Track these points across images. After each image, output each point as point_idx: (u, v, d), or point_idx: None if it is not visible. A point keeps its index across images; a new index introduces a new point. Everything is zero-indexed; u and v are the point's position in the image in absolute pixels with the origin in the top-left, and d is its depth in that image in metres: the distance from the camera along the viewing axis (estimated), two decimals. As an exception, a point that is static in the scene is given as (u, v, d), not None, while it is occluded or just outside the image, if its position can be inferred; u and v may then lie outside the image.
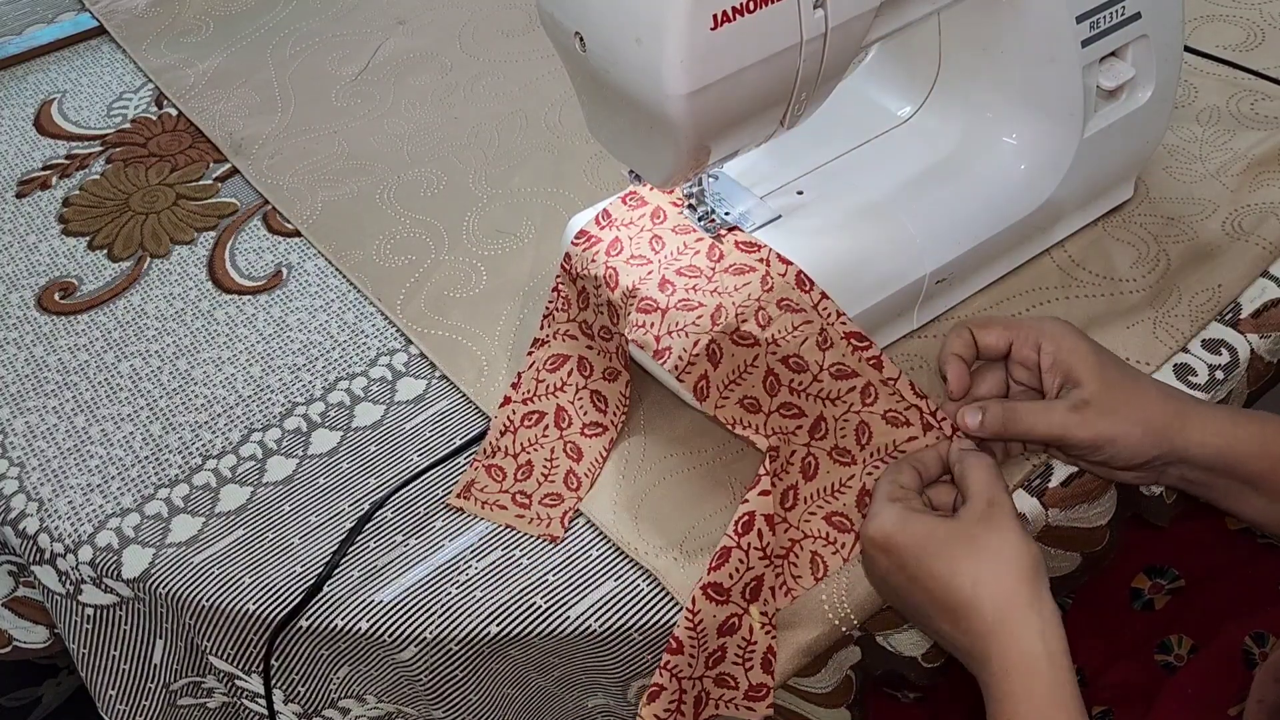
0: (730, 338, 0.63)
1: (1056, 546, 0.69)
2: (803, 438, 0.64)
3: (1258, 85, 0.87)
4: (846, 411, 0.64)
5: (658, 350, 0.63)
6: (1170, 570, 0.84)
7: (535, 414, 0.70)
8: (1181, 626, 0.81)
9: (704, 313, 0.63)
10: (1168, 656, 0.80)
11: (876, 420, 0.63)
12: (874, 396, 0.63)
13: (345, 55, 1.05)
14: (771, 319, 0.63)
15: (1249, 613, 0.79)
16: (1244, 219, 0.78)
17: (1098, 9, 0.67)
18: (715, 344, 0.62)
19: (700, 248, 0.67)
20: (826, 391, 0.63)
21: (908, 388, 0.63)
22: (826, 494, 0.64)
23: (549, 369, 0.71)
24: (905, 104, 0.76)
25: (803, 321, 0.64)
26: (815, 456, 0.64)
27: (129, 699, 0.72)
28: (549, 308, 0.72)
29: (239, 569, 0.66)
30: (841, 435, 0.64)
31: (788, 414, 0.64)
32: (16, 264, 0.87)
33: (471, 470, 0.68)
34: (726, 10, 0.50)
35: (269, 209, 0.89)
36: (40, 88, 1.04)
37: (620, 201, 0.70)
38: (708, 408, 0.63)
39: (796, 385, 0.64)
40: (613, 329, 0.67)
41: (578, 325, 0.71)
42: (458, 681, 0.65)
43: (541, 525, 0.66)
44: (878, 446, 0.64)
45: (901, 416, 0.63)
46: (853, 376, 0.63)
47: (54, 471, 0.72)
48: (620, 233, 0.69)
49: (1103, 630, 0.83)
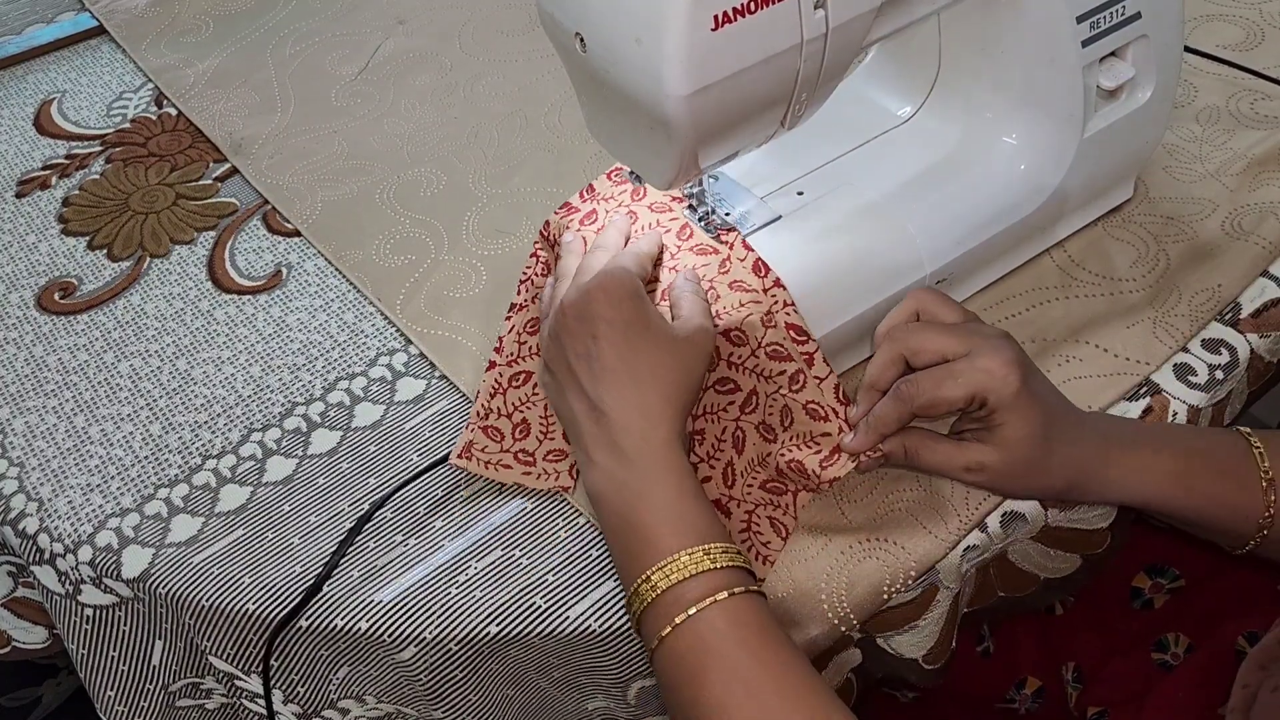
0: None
1: (1056, 547, 0.69)
2: (733, 413, 0.65)
3: (1257, 85, 0.87)
4: (776, 391, 0.64)
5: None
6: (1170, 570, 0.84)
7: (522, 374, 0.70)
8: (1180, 626, 0.81)
9: (655, 288, 0.66)
10: (1164, 655, 0.80)
11: (799, 409, 0.64)
12: (801, 384, 0.64)
13: (345, 55, 1.04)
14: (720, 296, 0.65)
15: (1246, 613, 0.79)
16: (1244, 219, 0.78)
17: (1098, 9, 0.67)
18: None
19: (672, 226, 0.69)
20: (762, 368, 0.64)
21: (832, 390, 0.63)
22: (756, 465, 0.65)
23: (529, 331, 0.71)
24: (905, 104, 0.76)
25: (750, 300, 0.65)
26: (743, 430, 0.64)
27: (128, 700, 0.72)
28: (526, 272, 0.73)
29: (239, 569, 0.66)
30: (769, 413, 0.64)
31: (722, 389, 0.65)
32: (16, 264, 0.87)
33: (468, 432, 0.69)
34: (727, 11, 0.50)
35: (269, 209, 0.89)
36: (40, 88, 1.04)
37: (605, 177, 0.72)
38: None
39: (735, 359, 0.65)
40: None
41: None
42: (457, 682, 0.65)
43: (550, 479, 0.67)
44: (796, 433, 0.64)
45: (822, 411, 0.63)
46: (786, 360, 0.64)
47: (54, 471, 0.72)
48: (599, 206, 0.71)
49: (1101, 628, 0.84)
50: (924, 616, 0.65)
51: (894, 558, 0.63)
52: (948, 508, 0.64)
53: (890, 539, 0.63)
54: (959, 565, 0.64)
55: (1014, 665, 0.85)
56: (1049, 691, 0.84)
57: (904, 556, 0.63)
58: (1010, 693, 0.85)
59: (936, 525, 0.64)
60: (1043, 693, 0.84)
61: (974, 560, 0.65)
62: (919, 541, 0.63)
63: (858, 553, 0.63)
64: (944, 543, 0.63)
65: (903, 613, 0.64)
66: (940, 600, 0.65)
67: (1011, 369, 0.58)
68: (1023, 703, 0.84)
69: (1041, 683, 0.84)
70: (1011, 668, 0.85)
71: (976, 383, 0.58)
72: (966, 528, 0.64)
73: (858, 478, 0.66)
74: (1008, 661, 0.86)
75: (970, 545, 0.64)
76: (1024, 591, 0.72)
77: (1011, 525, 0.65)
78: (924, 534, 0.63)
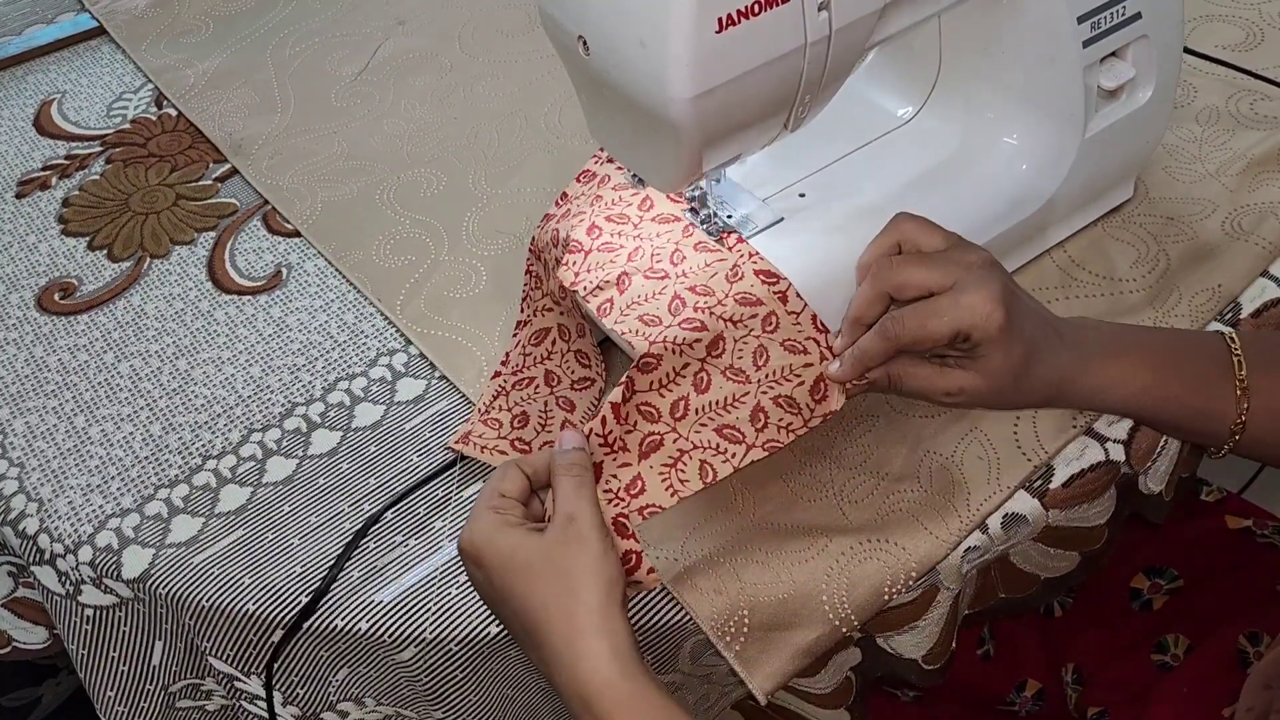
0: (642, 273, 0.66)
1: (1056, 546, 0.69)
2: (699, 352, 0.64)
3: (1257, 85, 0.87)
4: (746, 335, 0.64)
5: (574, 282, 0.65)
6: (1169, 570, 0.84)
7: (526, 379, 0.71)
8: (1179, 626, 0.81)
9: (622, 253, 0.67)
10: (1164, 656, 0.80)
11: (775, 346, 0.64)
12: (775, 325, 0.64)
13: (345, 55, 1.04)
14: (685, 257, 0.66)
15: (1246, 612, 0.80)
16: (1243, 219, 0.78)
17: (1098, 9, 0.67)
18: (625, 275, 0.66)
19: (633, 201, 0.70)
20: (730, 314, 0.64)
21: (810, 320, 0.64)
22: (718, 408, 0.64)
23: (533, 344, 0.72)
24: (906, 105, 0.76)
25: (716, 259, 0.65)
26: (708, 372, 0.64)
27: (128, 700, 0.72)
28: (524, 290, 0.74)
29: (239, 569, 0.66)
30: (739, 356, 0.64)
31: (688, 327, 0.64)
32: (16, 264, 0.87)
33: (468, 424, 0.70)
34: (731, 13, 0.50)
35: (269, 209, 0.89)
36: (40, 88, 1.04)
37: (575, 180, 0.73)
38: (609, 323, 0.65)
39: (701, 305, 0.65)
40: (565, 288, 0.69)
41: (550, 297, 0.72)
42: (457, 682, 0.65)
43: None
44: (774, 369, 0.64)
45: (800, 345, 0.63)
46: (757, 304, 0.64)
47: (54, 472, 0.72)
48: (572, 205, 0.72)
49: (1101, 630, 0.84)
50: (924, 617, 0.65)
51: (895, 558, 0.63)
52: (949, 508, 0.64)
53: (891, 540, 0.63)
54: (959, 566, 0.64)
55: (1014, 667, 0.85)
56: (1049, 693, 0.84)
57: (905, 557, 0.63)
58: (1010, 695, 0.85)
59: (937, 526, 0.64)
60: (1043, 695, 0.84)
61: (975, 561, 0.65)
62: (920, 542, 0.63)
63: (858, 553, 0.63)
64: (945, 543, 0.63)
65: (903, 613, 0.64)
66: (940, 601, 0.65)
67: (996, 305, 0.58)
68: (1023, 705, 0.85)
69: (1041, 685, 0.84)
70: (1012, 669, 0.85)
71: (961, 319, 0.58)
72: (967, 528, 0.64)
73: (858, 478, 0.66)
74: (1008, 663, 0.86)
75: (971, 546, 0.64)
76: (1025, 592, 0.72)
77: (1012, 527, 0.65)
78: (925, 535, 0.63)
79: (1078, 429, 0.68)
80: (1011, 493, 0.65)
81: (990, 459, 0.67)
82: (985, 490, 0.65)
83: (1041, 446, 0.67)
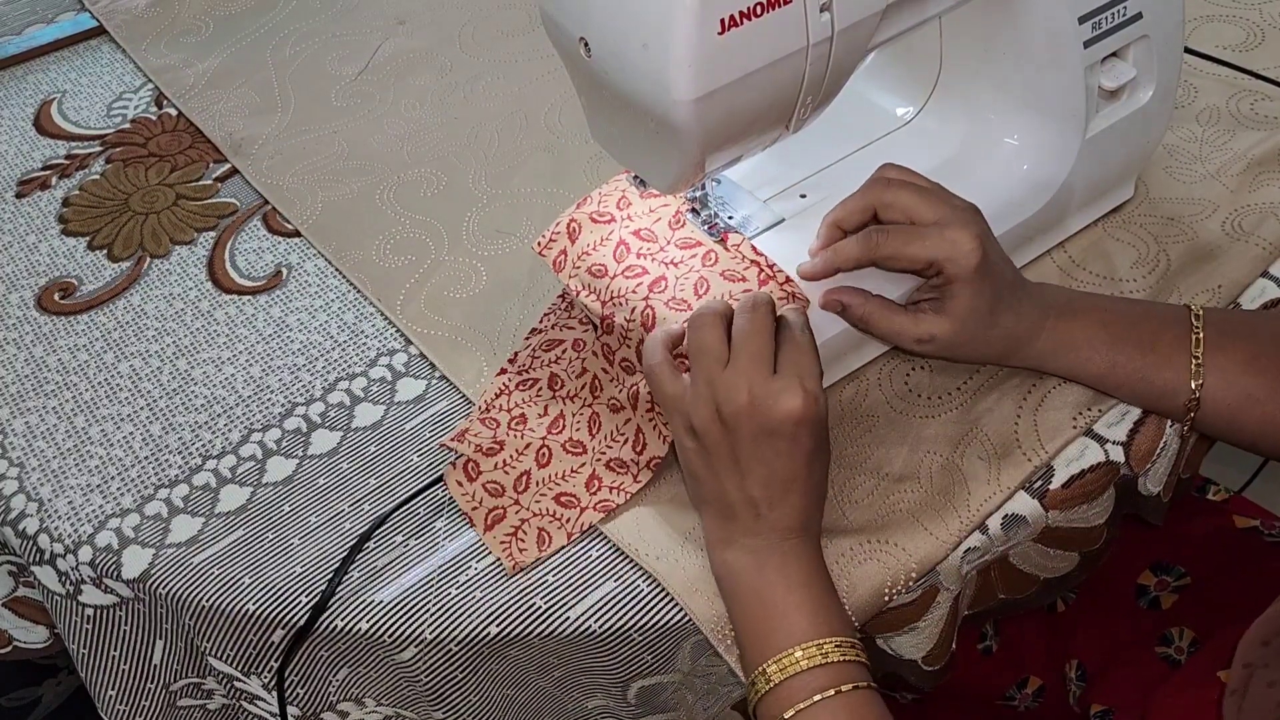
0: (589, 216, 0.70)
1: (1056, 547, 0.69)
2: (642, 292, 0.66)
3: (1257, 86, 0.87)
4: (687, 272, 0.67)
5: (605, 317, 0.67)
6: (1176, 568, 0.84)
7: (530, 380, 0.72)
8: (1187, 623, 0.81)
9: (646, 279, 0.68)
10: (1168, 649, 0.80)
11: (714, 276, 0.66)
12: (715, 260, 0.67)
13: (345, 55, 1.04)
14: (631, 203, 0.70)
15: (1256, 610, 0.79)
16: (1244, 219, 0.78)
17: (1099, 10, 0.67)
18: (575, 222, 0.70)
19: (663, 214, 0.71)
20: (671, 258, 0.67)
21: (750, 248, 0.66)
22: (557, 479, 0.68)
23: (544, 349, 0.73)
24: (907, 106, 0.76)
25: (661, 205, 0.69)
26: (653, 308, 0.66)
27: (129, 699, 0.72)
28: (551, 307, 0.75)
29: (239, 569, 0.66)
30: (680, 289, 0.66)
31: (631, 275, 0.67)
32: (16, 264, 0.87)
33: (466, 421, 0.70)
34: (734, 15, 0.50)
35: (269, 209, 0.89)
36: (40, 88, 1.04)
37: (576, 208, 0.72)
38: (563, 277, 0.69)
39: (644, 251, 0.68)
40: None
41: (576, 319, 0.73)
42: (457, 682, 0.65)
43: None
44: (715, 296, 0.66)
45: (739, 274, 0.66)
46: (696, 246, 0.68)
47: (54, 472, 0.72)
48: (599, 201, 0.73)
49: (1107, 627, 0.84)
50: (924, 618, 0.65)
51: (894, 559, 0.63)
52: (948, 509, 0.64)
53: (891, 540, 0.63)
54: (959, 566, 0.64)
55: (1018, 663, 0.85)
56: (1050, 689, 0.84)
57: (904, 558, 0.63)
58: (1011, 690, 0.85)
59: (937, 526, 0.64)
60: (1043, 691, 0.84)
61: (974, 562, 0.65)
62: (920, 543, 0.63)
63: (858, 554, 0.63)
64: (944, 544, 0.63)
65: (903, 614, 0.64)
66: (940, 602, 0.65)
67: (975, 245, 0.61)
68: (1023, 700, 0.85)
69: (1043, 681, 0.84)
70: (1015, 666, 0.85)
71: (940, 251, 0.61)
72: (967, 529, 0.64)
73: (858, 478, 0.66)
74: (1012, 660, 0.86)
75: (971, 547, 0.64)
76: (1024, 592, 0.72)
77: (1012, 528, 0.65)
78: (925, 535, 0.64)
79: (1078, 429, 0.68)
80: (1011, 493, 0.65)
81: (990, 459, 0.67)
82: (985, 491, 0.65)
83: (1042, 447, 0.67)
